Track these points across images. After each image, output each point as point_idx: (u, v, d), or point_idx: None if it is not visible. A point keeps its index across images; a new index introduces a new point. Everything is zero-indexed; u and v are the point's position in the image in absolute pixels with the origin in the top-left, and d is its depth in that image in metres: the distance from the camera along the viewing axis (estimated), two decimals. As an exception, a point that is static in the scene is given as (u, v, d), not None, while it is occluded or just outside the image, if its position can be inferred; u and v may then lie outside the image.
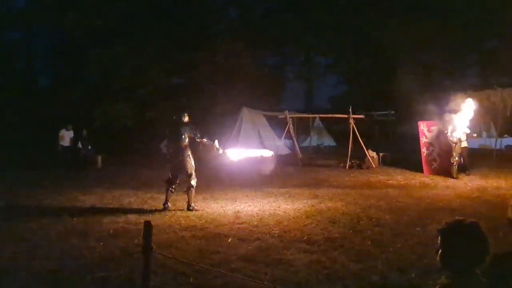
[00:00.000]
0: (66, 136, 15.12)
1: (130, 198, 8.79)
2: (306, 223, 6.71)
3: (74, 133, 15.37)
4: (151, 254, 3.14)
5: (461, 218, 2.04)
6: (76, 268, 4.73)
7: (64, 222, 6.81)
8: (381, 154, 15.26)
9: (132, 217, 7.14)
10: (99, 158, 14.96)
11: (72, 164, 13.90)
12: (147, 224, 3.14)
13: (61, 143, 15.02)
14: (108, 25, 21.72)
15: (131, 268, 4.45)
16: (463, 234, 1.95)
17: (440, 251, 1.99)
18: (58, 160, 14.56)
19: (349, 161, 14.33)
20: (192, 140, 7.91)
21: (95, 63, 21.11)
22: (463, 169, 12.06)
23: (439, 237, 2.01)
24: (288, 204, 8.18)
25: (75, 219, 7.03)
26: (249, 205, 8.13)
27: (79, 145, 15.17)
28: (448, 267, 1.99)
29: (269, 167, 12.04)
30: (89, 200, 8.67)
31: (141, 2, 22.81)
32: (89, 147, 15.27)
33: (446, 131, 11.93)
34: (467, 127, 11.64)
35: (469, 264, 1.92)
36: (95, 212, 7.60)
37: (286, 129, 16.22)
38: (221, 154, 7.87)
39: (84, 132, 15.75)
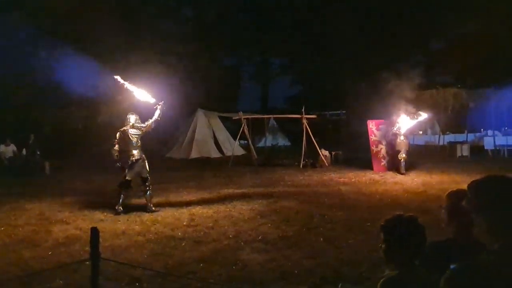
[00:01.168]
0: (7, 153, 14.73)
1: (81, 205, 8.49)
2: (261, 223, 6.80)
3: (18, 143, 14.92)
4: (99, 261, 3.09)
5: (400, 213, 2.12)
6: (24, 280, 4.53)
7: (10, 232, 6.49)
8: (333, 153, 15.70)
9: (83, 224, 6.92)
10: (47, 164, 14.33)
11: (17, 171, 13.27)
12: (94, 231, 3.10)
13: (4, 156, 14.62)
14: (56, 26, 20.82)
15: (82, 277, 4.32)
16: (402, 228, 2.04)
17: (383, 246, 2.08)
18: (2, 168, 13.89)
19: (303, 160, 14.62)
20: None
21: (41, 66, 20.16)
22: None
23: (382, 233, 2.10)
24: (243, 205, 8.24)
25: (21, 228, 6.72)
26: (204, 207, 8.11)
27: (23, 152, 14.60)
28: (391, 260, 2.08)
29: None
30: (37, 208, 8.28)
31: (91, 1, 22.04)
32: (38, 153, 14.65)
33: (392, 129, 12.52)
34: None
35: (410, 257, 2.02)
36: (43, 220, 7.29)
37: (241, 130, 16.26)
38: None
39: (32, 137, 15.13)
